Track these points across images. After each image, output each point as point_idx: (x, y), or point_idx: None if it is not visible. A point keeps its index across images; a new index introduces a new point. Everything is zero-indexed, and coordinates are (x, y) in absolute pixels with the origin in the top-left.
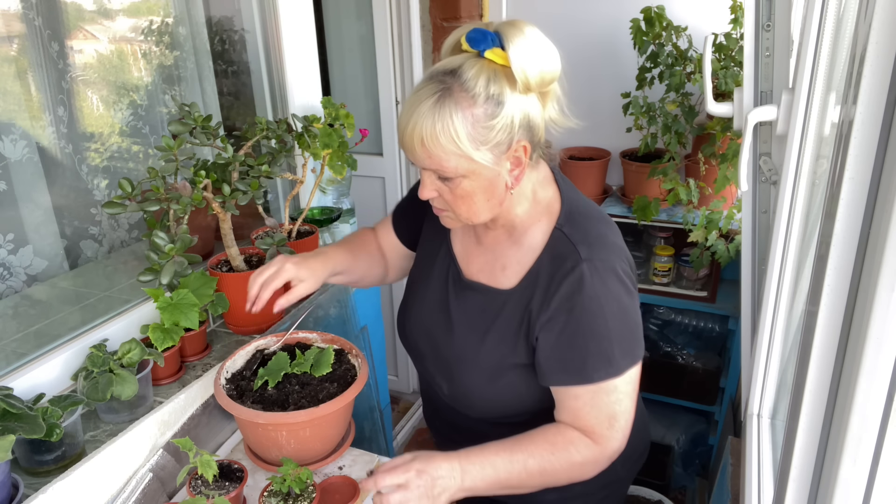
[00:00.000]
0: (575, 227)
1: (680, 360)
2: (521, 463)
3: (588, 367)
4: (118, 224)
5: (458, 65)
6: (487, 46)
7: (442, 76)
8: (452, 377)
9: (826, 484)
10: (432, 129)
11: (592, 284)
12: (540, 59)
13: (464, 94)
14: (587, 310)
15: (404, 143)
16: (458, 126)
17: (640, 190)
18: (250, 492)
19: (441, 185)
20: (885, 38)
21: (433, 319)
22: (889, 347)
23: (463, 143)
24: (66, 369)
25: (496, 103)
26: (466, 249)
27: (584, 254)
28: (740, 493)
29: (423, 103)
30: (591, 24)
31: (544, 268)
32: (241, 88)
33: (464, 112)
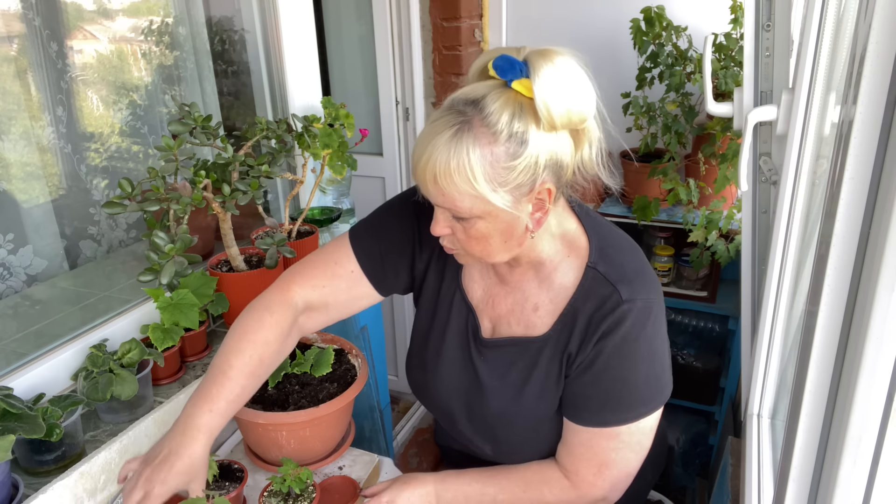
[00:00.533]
0: (610, 265)
1: (680, 360)
2: (492, 497)
3: (605, 410)
4: (116, 224)
5: (481, 95)
6: (515, 77)
7: (463, 107)
8: (496, 438)
9: (826, 484)
10: (446, 166)
11: (631, 326)
12: (568, 94)
13: (484, 129)
14: (619, 352)
15: (416, 176)
16: (474, 165)
17: (640, 190)
18: (250, 492)
19: (455, 223)
20: (885, 38)
21: (459, 379)
22: (889, 347)
23: (479, 184)
24: (66, 369)
25: (519, 142)
26: (489, 293)
27: (626, 294)
28: (740, 493)
29: (440, 136)
30: (591, 24)
31: (581, 309)
32: (241, 88)
33: (482, 149)
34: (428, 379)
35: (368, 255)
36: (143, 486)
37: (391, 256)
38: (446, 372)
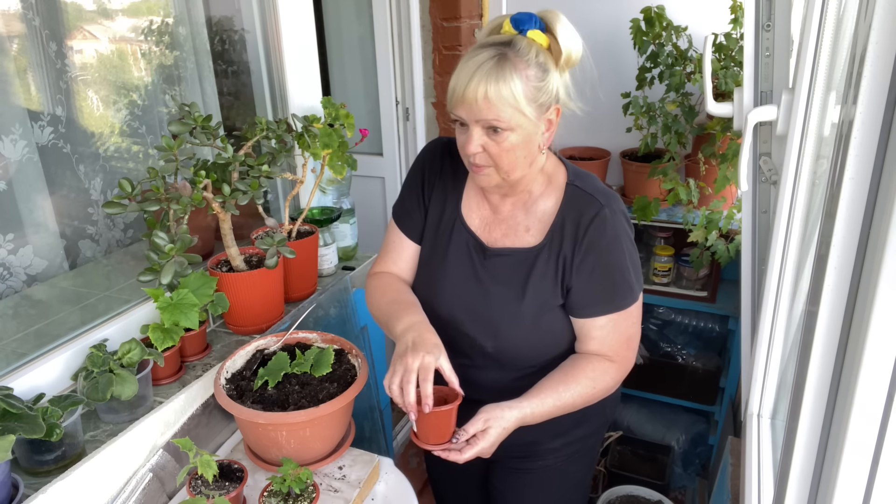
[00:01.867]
0: (584, 182)
1: (680, 360)
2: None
3: (617, 297)
4: (113, 224)
5: (508, 39)
6: (531, 27)
7: (497, 45)
8: (498, 334)
9: (826, 484)
10: (496, 84)
11: (613, 225)
12: (577, 40)
13: (519, 59)
14: (611, 248)
15: (465, 97)
16: (517, 82)
17: (640, 190)
18: (250, 492)
19: (487, 139)
20: (885, 38)
21: (465, 289)
22: (889, 347)
23: (519, 98)
24: (66, 369)
25: (543, 70)
26: (484, 222)
27: (603, 200)
28: (740, 493)
29: (485, 64)
30: (591, 24)
31: (567, 217)
32: (241, 88)
33: (520, 73)
34: (433, 294)
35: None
36: (421, 355)
37: (412, 208)
38: (451, 284)
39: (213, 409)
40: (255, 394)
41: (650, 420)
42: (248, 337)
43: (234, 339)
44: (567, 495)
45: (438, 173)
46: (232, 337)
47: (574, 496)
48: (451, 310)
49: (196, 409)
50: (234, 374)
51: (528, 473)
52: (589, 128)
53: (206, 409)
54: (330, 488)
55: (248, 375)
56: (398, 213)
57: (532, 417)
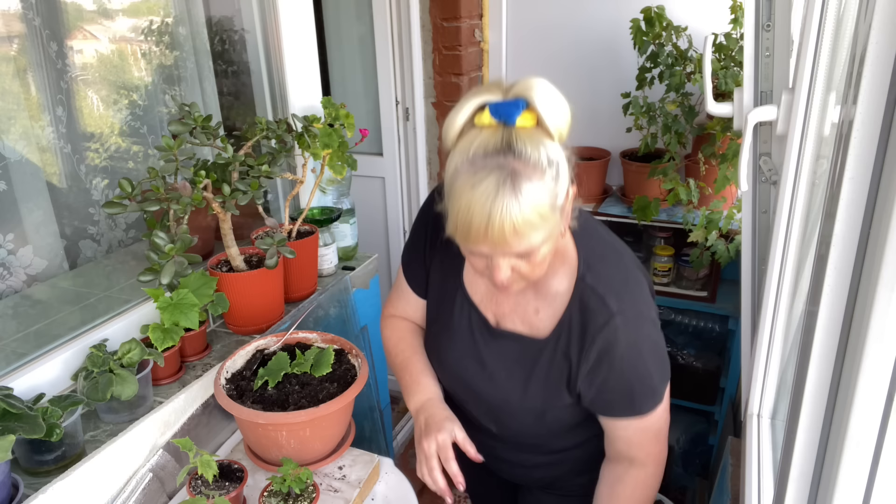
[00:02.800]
0: (598, 277)
1: (680, 360)
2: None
3: (636, 404)
4: (115, 224)
5: (501, 143)
6: (518, 112)
7: (494, 160)
8: (500, 420)
9: (826, 484)
10: (522, 215)
11: (627, 335)
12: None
13: (530, 168)
14: (627, 358)
15: (489, 236)
16: (542, 201)
17: (640, 190)
18: (250, 492)
19: (517, 262)
20: (885, 38)
21: (466, 367)
22: (889, 347)
23: (546, 212)
24: (66, 369)
25: (555, 164)
26: (490, 293)
27: (615, 306)
28: (740, 493)
29: (499, 194)
30: (591, 24)
31: (575, 318)
32: (241, 88)
33: (539, 185)
34: (437, 365)
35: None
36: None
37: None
38: (454, 360)
39: (213, 409)
40: (255, 394)
41: None
42: (248, 337)
43: (234, 339)
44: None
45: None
46: (232, 337)
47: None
48: (452, 386)
49: (196, 409)
50: (234, 374)
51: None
52: (589, 128)
53: (206, 409)
54: (330, 488)
55: (248, 375)
56: (405, 262)
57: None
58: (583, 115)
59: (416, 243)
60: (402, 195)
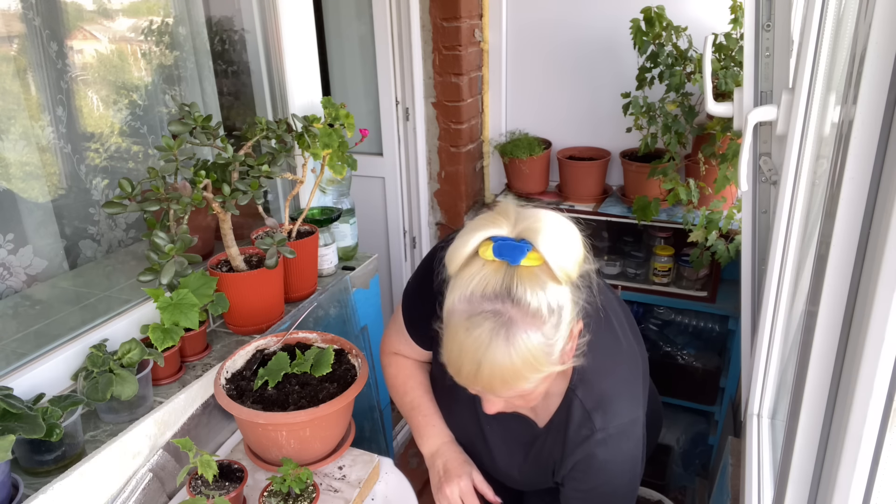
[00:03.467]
0: (588, 390)
1: (680, 360)
2: None
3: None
4: (115, 224)
5: (501, 287)
6: (522, 255)
7: (492, 305)
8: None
9: (826, 484)
10: (513, 368)
11: (606, 452)
12: (571, 249)
13: (529, 318)
14: (600, 473)
15: (477, 383)
16: (537, 354)
17: (640, 190)
18: (250, 492)
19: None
20: (885, 38)
21: (469, 434)
22: (889, 347)
23: (544, 366)
24: (66, 369)
25: (558, 311)
26: None
27: (599, 423)
28: (740, 493)
29: (492, 344)
30: (591, 23)
31: (561, 425)
32: (241, 88)
33: (535, 336)
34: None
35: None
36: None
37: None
38: (459, 429)
39: (213, 409)
40: (255, 394)
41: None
42: (248, 337)
43: (234, 339)
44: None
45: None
46: (232, 337)
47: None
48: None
49: (196, 409)
50: (234, 374)
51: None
52: (589, 128)
53: (206, 409)
54: (330, 488)
55: (248, 375)
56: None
57: None
58: (583, 115)
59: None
60: (402, 195)
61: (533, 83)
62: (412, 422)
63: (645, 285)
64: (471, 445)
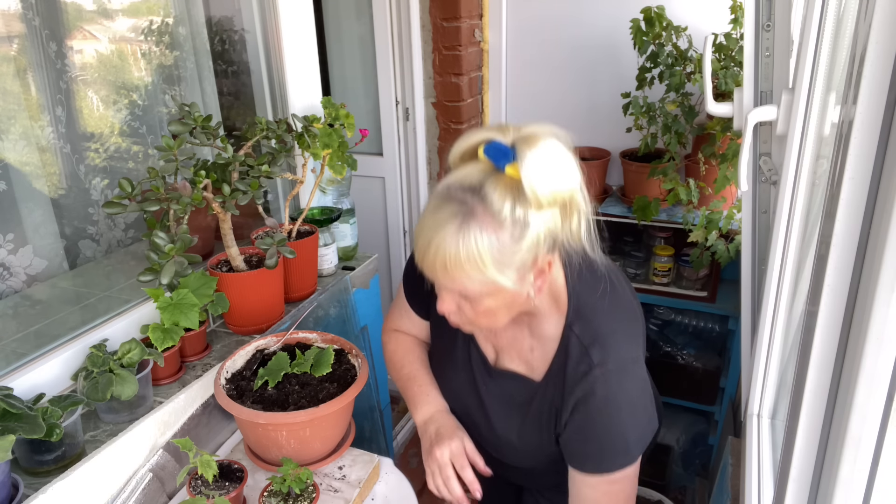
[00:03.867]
0: (585, 326)
1: (680, 360)
2: None
3: (606, 460)
4: (114, 224)
5: (478, 182)
6: (507, 162)
7: (462, 194)
8: (499, 450)
9: (826, 484)
10: (456, 256)
11: (606, 388)
12: (552, 176)
13: (489, 217)
14: (602, 411)
15: (424, 264)
16: (483, 252)
17: (640, 190)
18: (250, 492)
19: (462, 300)
20: (885, 38)
21: (467, 404)
22: (889, 347)
23: (489, 270)
24: (66, 369)
25: (522, 225)
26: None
27: (597, 358)
28: (740, 493)
29: (446, 227)
30: (591, 24)
31: (560, 365)
32: (241, 88)
33: (489, 237)
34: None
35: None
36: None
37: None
38: (454, 392)
39: (213, 409)
40: (255, 394)
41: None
42: (248, 337)
43: (234, 339)
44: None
45: None
46: (232, 337)
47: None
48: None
49: (196, 409)
50: (234, 374)
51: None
52: (589, 128)
53: (206, 409)
54: (330, 488)
55: (248, 375)
56: (407, 285)
57: None
58: (583, 115)
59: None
60: (402, 195)
61: (533, 83)
62: (407, 393)
63: (645, 285)
64: (468, 415)
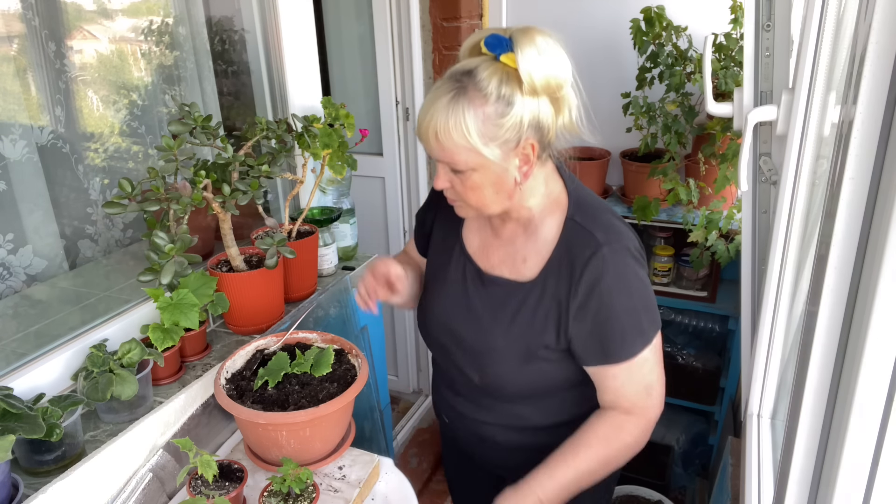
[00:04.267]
0: (586, 216)
1: (680, 360)
2: (585, 470)
3: (627, 343)
4: (114, 224)
5: (474, 66)
6: (503, 51)
7: (459, 76)
8: (483, 368)
9: (826, 484)
10: (445, 124)
11: (615, 265)
12: (547, 65)
13: (477, 93)
14: (615, 290)
15: (420, 135)
16: (469, 122)
17: (640, 190)
18: (250, 492)
19: (453, 176)
20: (885, 38)
21: (455, 315)
22: (889, 347)
23: (473, 139)
24: (66, 369)
25: (507, 103)
26: (484, 244)
27: (602, 238)
28: (740, 493)
29: (440, 100)
30: (591, 24)
31: (563, 257)
32: (241, 88)
33: (475, 110)
34: (428, 316)
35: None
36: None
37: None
38: (443, 309)
39: (213, 409)
40: (255, 394)
41: None
42: (248, 337)
43: (234, 339)
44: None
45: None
46: (232, 337)
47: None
48: (439, 336)
49: (196, 409)
50: (234, 374)
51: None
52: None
53: (206, 409)
54: (330, 488)
55: (248, 375)
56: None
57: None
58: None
59: (426, 203)
60: (402, 195)
61: None
62: None
63: None
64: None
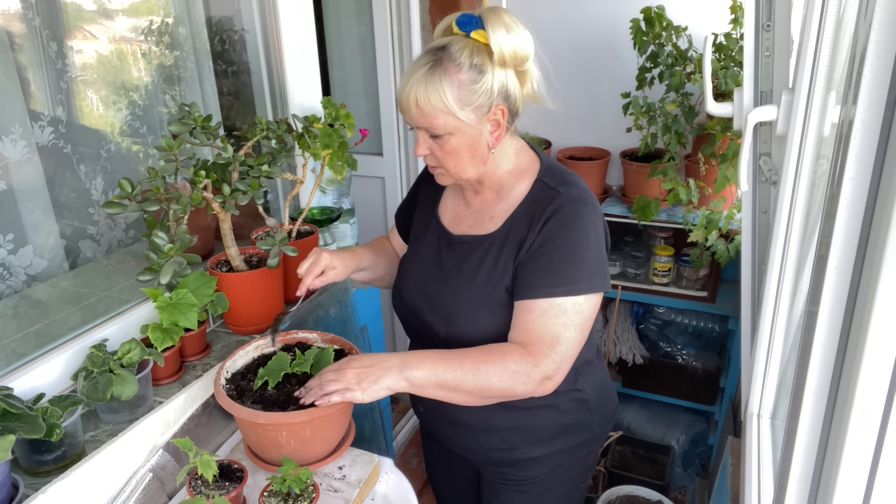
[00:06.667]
0: (553, 176)
1: (680, 360)
2: (458, 360)
3: (549, 284)
4: (115, 224)
5: (447, 42)
6: (473, 28)
7: (434, 51)
8: (449, 319)
9: (826, 484)
10: (425, 91)
11: (575, 216)
12: (514, 39)
13: (451, 63)
14: (560, 231)
15: (402, 104)
16: (445, 88)
17: (640, 190)
18: (250, 492)
19: (432, 143)
20: (885, 38)
21: (427, 276)
22: (889, 347)
23: (450, 103)
24: (66, 369)
25: (478, 72)
26: (456, 215)
27: (563, 190)
28: (740, 493)
29: (418, 71)
30: (591, 24)
31: (528, 209)
32: (241, 88)
33: (451, 77)
34: (403, 282)
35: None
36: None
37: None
38: (417, 273)
39: (213, 409)
40: (255, 394)
41: (650, 420)
42: (248, 337)
43: (234, 339)
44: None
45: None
46: (232, 337)
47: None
48: (413, 298)
49: (196, 409)
50: (234, 374)
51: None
52: (589, 128)
53: (206, 409)
54: (330, 488)
55: (248, 375)
56: (399, 207)
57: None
58: (583, 115)
59: (410, 193)
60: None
61: None
62: None
63: (645, 285)
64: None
